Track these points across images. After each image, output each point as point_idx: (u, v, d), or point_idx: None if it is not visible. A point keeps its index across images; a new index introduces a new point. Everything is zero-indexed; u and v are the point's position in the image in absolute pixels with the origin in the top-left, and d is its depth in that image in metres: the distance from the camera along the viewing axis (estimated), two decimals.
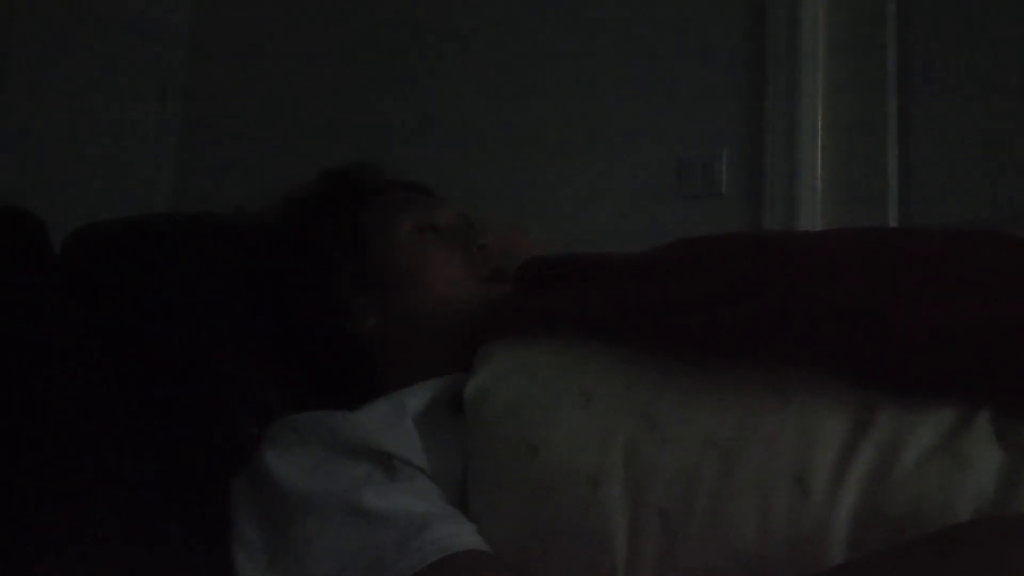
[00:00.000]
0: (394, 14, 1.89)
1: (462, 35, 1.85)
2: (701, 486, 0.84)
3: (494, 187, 1.76)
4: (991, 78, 1.59)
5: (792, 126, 1.67)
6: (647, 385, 0.91)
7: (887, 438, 0.82)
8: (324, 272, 1.13)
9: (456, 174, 1.36)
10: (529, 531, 0.89)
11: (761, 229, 1.67)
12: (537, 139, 1.82)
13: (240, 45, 1.94)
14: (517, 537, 0.89)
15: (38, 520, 1.10)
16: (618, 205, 1.75)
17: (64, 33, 1.65)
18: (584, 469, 0.87)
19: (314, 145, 1.86)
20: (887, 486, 0.80)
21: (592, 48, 1.80)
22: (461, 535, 0.89)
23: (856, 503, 0.80)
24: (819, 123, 1.68)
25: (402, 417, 0.98)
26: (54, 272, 1.22)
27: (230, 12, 1.95)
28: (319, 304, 1.12)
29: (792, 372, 0.87)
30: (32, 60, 1.64)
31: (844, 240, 1.03)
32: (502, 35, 1.85)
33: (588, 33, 1.80)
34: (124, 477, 1.11)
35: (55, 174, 1.64)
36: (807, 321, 0.88)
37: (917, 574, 0.72)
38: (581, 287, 1.01)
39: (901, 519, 0.78)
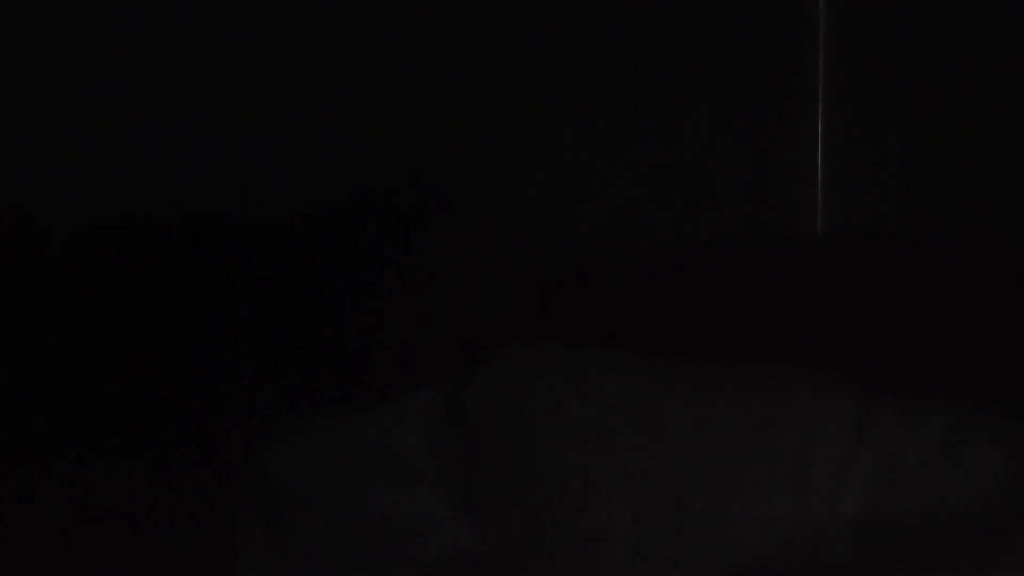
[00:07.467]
0: (396, 12, 1.89)
1: (463, 34, 1.85)
2: (702, 487, 0.84)
3: (494, 187, 1.76)
4: (993, 78, 1.59)
5: (792, 128, 1.67)
6: (648, 387, 0.91)
7: (888, 439, 0.82)
8: (377, 257, 1.11)
9: (454, 173, 1.36)
10: (531, 532, 0.89)
11: (761, 232, 1.67)
12: (535, 140, 1.82)
13: (244, 41, 1.93)
14: (519, 538, 0.89)
15: (38, 520, 1.11)
16: (617, 207, 1.75)
17: (65, 31, 1.65)
18: (585, 471, 0.87)
19: (318, 144, 1.86)
20: (888, 487, 0.80)
21: (590, 48, 1.80)
22: (463, 536, 0.89)
23: (857, 504, 0.80)
24: (819, 123, 1.68)
25: (406, 420, 0.98)
26: (54, 272, 1.23)
27: (234, 8, 1.95)
28: (363, 284, 1.10)
29: (793, 373, 0.87)
30: (32, 58, 1.63)
31: (844, 244, 1.03)
32: (502, 35, 1.84)
33: (586, 32, 1.80)
34: (126, 477, 1.11)
35: (55, 174, 1.64)
36: (807, 324, 0.89)
37: (918, 574, 0.72)
38: (582, 291, 1.02)
39: (902, 520, 0.79)
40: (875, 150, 1.71)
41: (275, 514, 0.94)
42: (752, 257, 0.99)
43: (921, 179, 1.68)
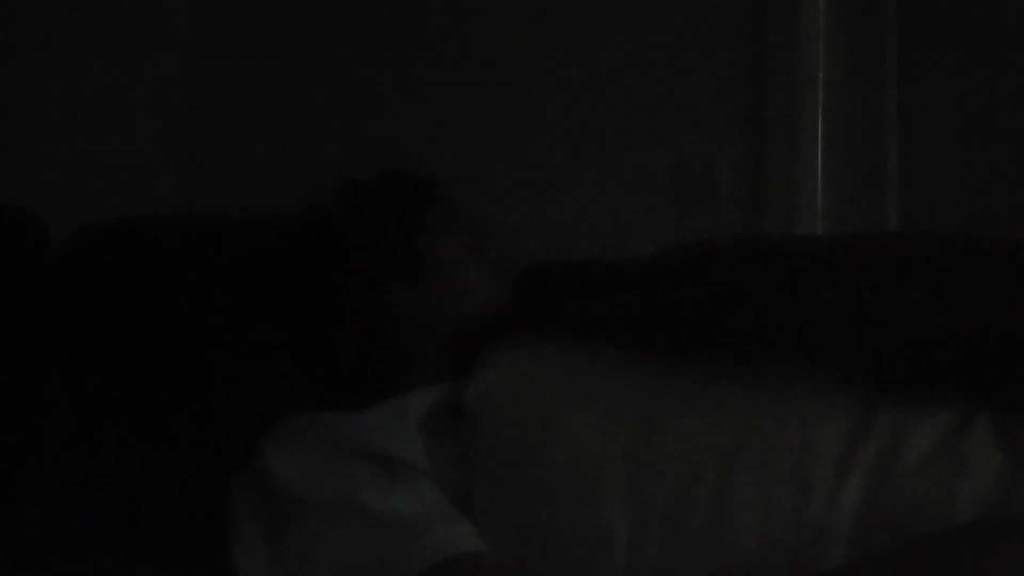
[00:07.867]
0: (398, 13, 1.89)
1: (463, 34, 1.85)
2: (702, 487, 0.84)
3: (494, 188, 1.76)
4: (993, 78, 1.59)
5: (792, 129, 1.67)
6: (648, 388, 0.91)
7: (887, 440, 0.82)
8: (375, 254, 1.10)
9: (454, 174, 1.35)
10: (531, 533, 0.89)
11: (761, 233, 1.67)
12: (535, 142, 1.82)
13: (243, 42, 1.93)
14: (519, 539, 0.89)
15: (39, 519, 1.11)
16: (617, 209, 1.75)
17: (65, 30, 1.65)
18: (585, 471, 0.87)
19: (318, 143, 1.86)
20: (888, 487, 0.80)
21: (590, 50, 1.80)
22: (462, 536, 0.89)
23: (857, 504, 0.80)
24: (819, 125, 1.68)
25: (405, 420, 0.98)
26: (54, 272, 1.23)
27: (233, 9, 1.95)
28: (362, 281, 1.10)
29: (792, 374, 0.87)
30: (32, 58, 1.64)
31: (844, 244, 1.03)
32: (502, 36, 1.84)
33: (586, 34, 1.80)
34: (125, 477, 1.12)
35: (55, 174, 1.64)
36: (807, 324, 0.89)
37: (918, 573, 0.72)
38: (582, 292, 1.02)
39: (901, 520, 0.79)
40: (875, 150, 1.71)
41: (274, 514, 0.94)
42: (752, 257, 0.99)
43: (921, 179, 1.68)
